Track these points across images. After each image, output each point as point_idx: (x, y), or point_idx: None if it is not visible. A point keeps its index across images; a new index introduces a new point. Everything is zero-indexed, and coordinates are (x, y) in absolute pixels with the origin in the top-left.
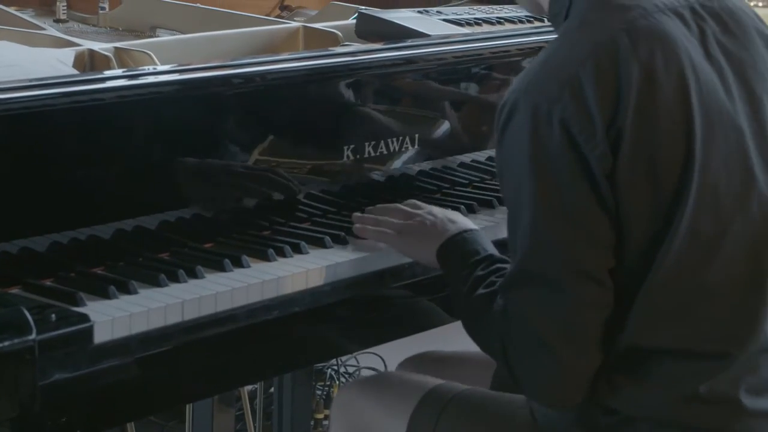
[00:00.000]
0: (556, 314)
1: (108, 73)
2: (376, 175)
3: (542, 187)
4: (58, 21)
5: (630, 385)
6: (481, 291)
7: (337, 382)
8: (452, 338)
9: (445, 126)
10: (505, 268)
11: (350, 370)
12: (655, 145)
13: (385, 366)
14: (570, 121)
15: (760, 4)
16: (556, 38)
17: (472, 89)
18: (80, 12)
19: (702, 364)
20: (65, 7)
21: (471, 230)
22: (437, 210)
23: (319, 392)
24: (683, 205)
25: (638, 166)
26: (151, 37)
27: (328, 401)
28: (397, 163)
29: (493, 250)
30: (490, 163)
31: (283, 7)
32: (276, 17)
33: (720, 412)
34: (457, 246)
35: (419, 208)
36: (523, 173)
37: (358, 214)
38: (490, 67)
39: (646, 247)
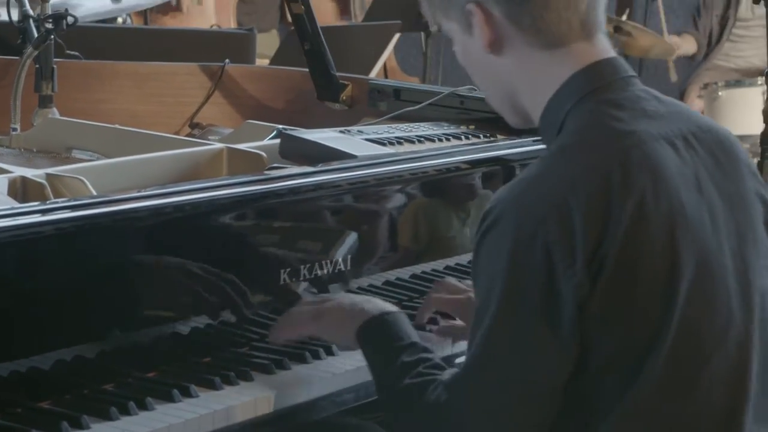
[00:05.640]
0: (494, 425)
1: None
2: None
3: (508, 305)
4: None
5: None
6: (408, 381)
7: None
8: None
9: (380, 244)
10: (430, 359)
11: None
12: (637, 280)
13: None
14: (553, 246)
15: None
16: (551, 153)
17: (407, 209)
18: None
19: None
20: None
21: (391, 312)
22: (351, 294)
23: None
24: (662, 341)
25: (616, 298)
26: (67, 158)
27: None
28: (332, 284)
29: (415, 337)
30: (414, 281)
31: (194, 125)
32: (187, 135)
33: None
34: (379, 329)
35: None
36: (495, 283)
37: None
38: (421, 186)
39: (618, 377)
